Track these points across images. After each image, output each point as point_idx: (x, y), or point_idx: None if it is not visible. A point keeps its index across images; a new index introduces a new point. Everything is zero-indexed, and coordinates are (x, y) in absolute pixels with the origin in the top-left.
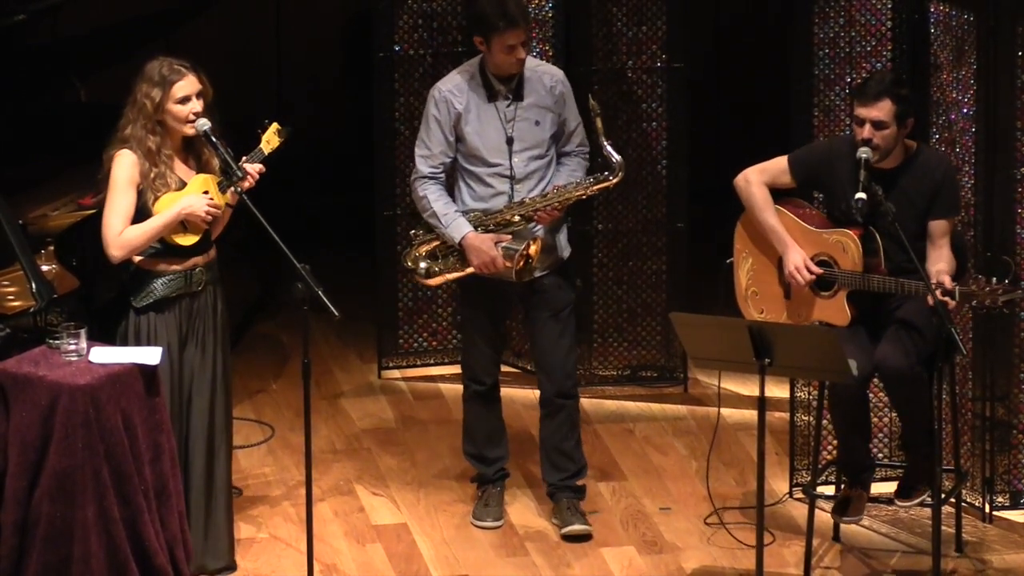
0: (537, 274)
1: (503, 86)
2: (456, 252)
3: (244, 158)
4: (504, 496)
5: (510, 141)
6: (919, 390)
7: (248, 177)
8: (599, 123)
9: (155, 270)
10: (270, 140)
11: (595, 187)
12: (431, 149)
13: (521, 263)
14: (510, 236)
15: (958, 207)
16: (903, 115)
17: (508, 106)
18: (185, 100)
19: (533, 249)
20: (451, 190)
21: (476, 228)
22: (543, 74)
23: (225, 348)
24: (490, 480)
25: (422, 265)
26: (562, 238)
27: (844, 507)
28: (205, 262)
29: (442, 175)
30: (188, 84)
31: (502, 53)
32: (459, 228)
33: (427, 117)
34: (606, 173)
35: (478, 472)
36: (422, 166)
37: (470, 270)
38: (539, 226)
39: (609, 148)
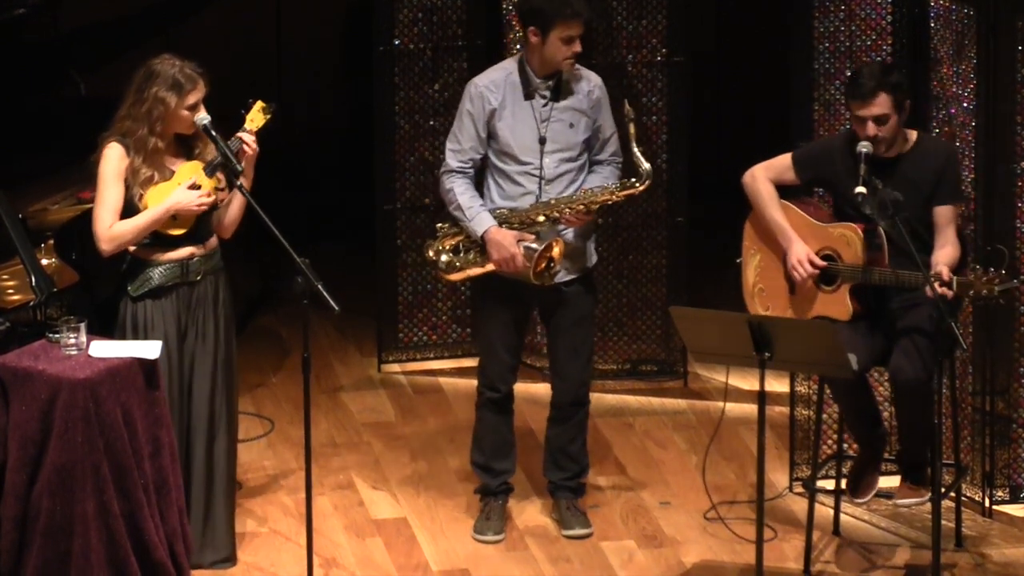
0: (560, 279)
1: (541, 85)
2: (478, 247)
3: (232, 138)
4: (506, 510)
5: (543, 141)
6: (927, 403)
7: (249, 149)
8: (632, 128)
9: (151, 259)
10: (254, 119)
11: (622, 192)
12: (461, 144)
13: (542, 264)
14: (534, 236)
15: (961, 193)
16: (900, 103)
17: (544, 106)
18: (194, 107)
19: (556, 252)
20: (480, 187)
21: (500, 225)
22: (581, 78)
23: (229, 339)
24: (492, 492)
25: (443, 258)
26: (591, 245)
27: (858, 485)
28: (203, 252)
29: (471, 170)
30: (199, 91)
31: (560, 44)
32: (482, 222)
33: (461, 111)
34: (633, 180)
35: (482, 483)
36: (451, 160)
37: (490, 267)
38: (566, 229)
39: (639, 155)
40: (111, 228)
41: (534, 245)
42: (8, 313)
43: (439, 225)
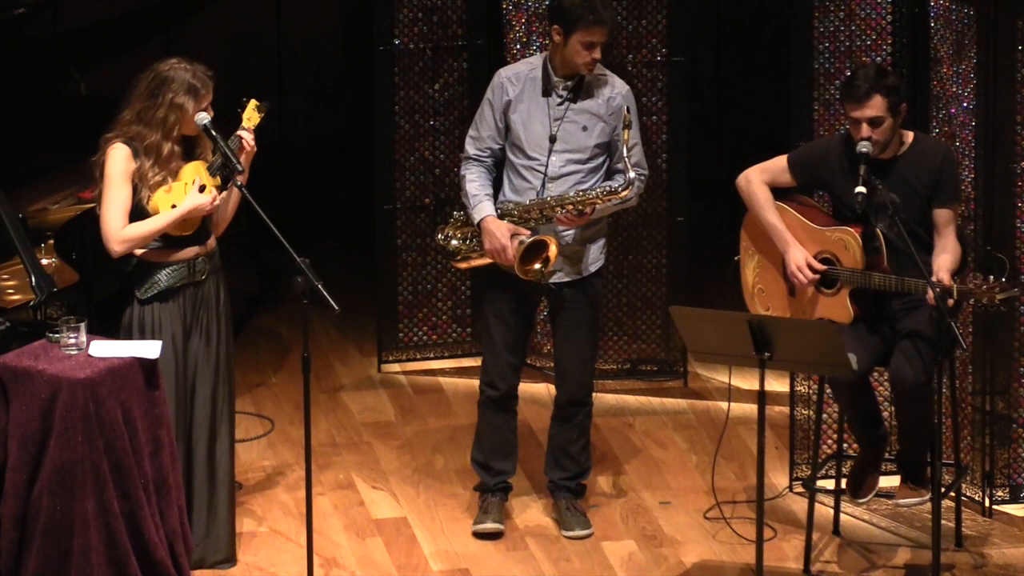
0: (556, 280)
1: (561, 84)
2: (479, 237)
3: (231, 137)
4: (504, 506)
5: (552, 139)
6: (928, 405)
7: (247, 147)
8: (626, 134)
9: (158, 261)
10: (251, 117)
11: (604, 197)
12: (480, 132)
13: (536, 263)
14: (530, 232)
15: (959, 194)
16: (895, 106)
17: (560, 104)
18: (204, 109)
19: (552, 251)
20: (500, 180)
21: (502, 218)
22: (606, 83)
23: (229, 337)
24: (490, 489)
25: (453, 243)
26: (593, 249)
27: (859, 485)
28: (206, 252)
29: (488, 159)
30: (210, 94)
31: (580, 48)
32: (481, 211)
33: (483, 100)
34: (616, 186)
35: (481, 480)
36: (469, 147)
37: (488, 259)
38: (566, 231)
39: (627, 162)
40: (124, 230)
41: (526, 240)
42: (8, 313)
43: (455, 213)
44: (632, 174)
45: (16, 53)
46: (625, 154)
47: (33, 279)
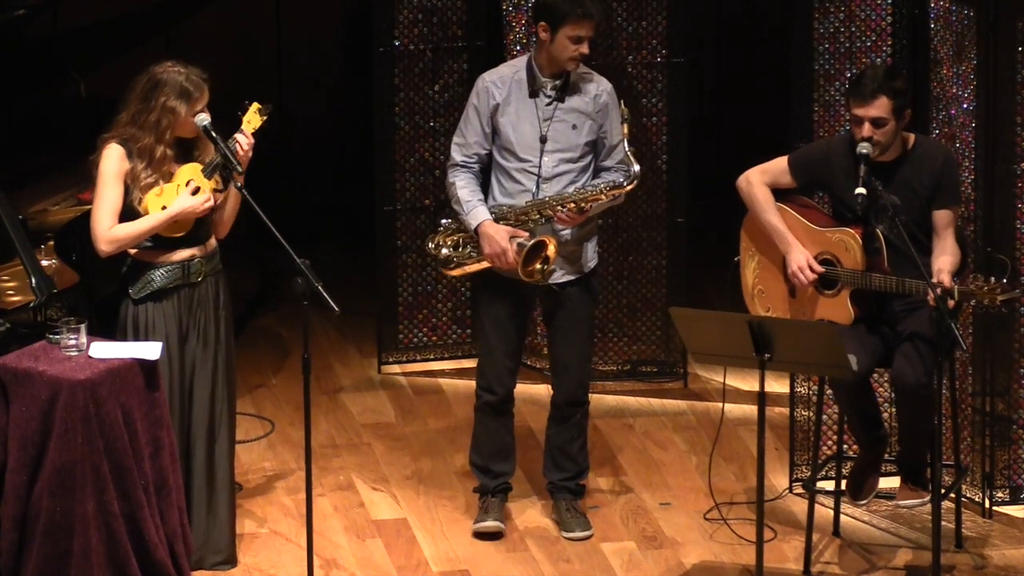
0: (556, 280)
1: (548, 84)
2: (474, 242)
3: (229, 139)
4: (504, 506)
5: (543, 140)
6: (929, 407)
7: (241, 151)
8: (625, 129)
9: (152, 261)
10: (251, 120)
11: (609, 192)
12: (466, 138)
13: (537, 263)
14: (528, 234)
15: (959, 196)
16: (900, 109)
17: (548, 105)
18: (199, 112)
19: (551, 251)
20: (488, 185)
21: (497, 222)
22: (591, 81)
23: (229, 340)
24: (490, 491)
25: (444, 252)
26: (590, 247)
27: (859, 486)
28: (203, 254)
29: (475, 165)
30: (204, 97)
31: (567, 42)
32: (477, 216)
33: (467, 105)
34: (621, 180)
35: (480, 483)
36: (456, 154)
37: (486, 263)
38: (564, 230)
39: (630, 156)
40: (111, 230)
41: (526, 242)
42: (8, 314)
43: (444, 221)
44: (637, 167)
45: (16, 53)
46: (626, 148)
47: (33, 280)
